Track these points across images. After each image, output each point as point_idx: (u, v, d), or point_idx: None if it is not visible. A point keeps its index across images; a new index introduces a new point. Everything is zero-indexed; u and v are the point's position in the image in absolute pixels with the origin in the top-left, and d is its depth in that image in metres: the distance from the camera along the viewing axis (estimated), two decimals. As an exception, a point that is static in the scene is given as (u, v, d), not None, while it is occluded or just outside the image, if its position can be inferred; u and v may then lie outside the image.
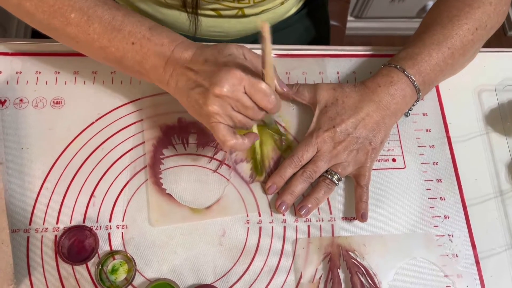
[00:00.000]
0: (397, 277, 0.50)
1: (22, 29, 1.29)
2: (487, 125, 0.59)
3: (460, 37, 0.55)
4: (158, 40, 0.47)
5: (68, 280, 0.47)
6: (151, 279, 0.48)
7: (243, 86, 0.43)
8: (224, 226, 0.51)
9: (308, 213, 0.52)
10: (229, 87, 0.43)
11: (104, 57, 0.49)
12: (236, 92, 0.43)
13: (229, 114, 0.44)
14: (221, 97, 0.43)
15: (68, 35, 0.49)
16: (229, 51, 0.46)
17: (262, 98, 0.44)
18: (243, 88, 0.43)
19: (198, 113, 0.46)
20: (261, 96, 0.44)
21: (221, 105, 0.44)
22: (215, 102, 0.43)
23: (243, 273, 0.49)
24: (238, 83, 0.43)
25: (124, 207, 0.51)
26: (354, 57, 0.62)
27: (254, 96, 0.44)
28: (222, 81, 0.42)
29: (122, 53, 0.48)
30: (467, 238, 0.53)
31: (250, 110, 0.45)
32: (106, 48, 0.48)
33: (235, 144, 0.45)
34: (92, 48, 0.49)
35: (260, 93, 0.44)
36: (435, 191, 0.55)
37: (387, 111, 0.53)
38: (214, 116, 0.44)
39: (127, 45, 0.47)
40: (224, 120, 0.44)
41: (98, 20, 0.47)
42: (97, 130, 0.54)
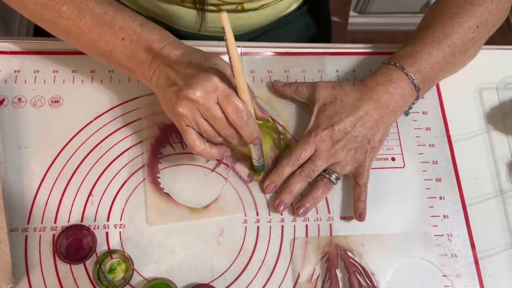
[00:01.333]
0: (395, 277, 0.50)
1: (25, 27, 1.29)
2: (487, 123, 0.59)
3: (461, 35, 0.54)
4: (149, 37, 0.47)
5: (66, 279, 0.48)
6: (149, 278, 0.48)
7: (216, 96, 0.42)
8: (222, 225, 0.51)
9: (306, 212, 0.52)
10: (202, 93, 0.42)
11: (94, 51, 0.50)
12: (208, 99, 0.42)
13: (197, 120, 0.44)
14: (192, 100, 0.42)
15: (59, 27, 0.49)
16: (216, 60, 0.45)
17: (233, 112, 0.42)
18: (216, 98, 0.42)
19: (170, 111, 0.45)
20: (232, 109, 0.42)
21: (191, 109, 0.43)
22: (185, 105, 0.43)
23: (240, 272, 0.49)
24: (212, 91, 0.42)
25: (122, 206, 0.51)
26: (354, 55, 0.61)
27: (225, 108, 0.42)
28: (197, 85, 0.42)
29: (112, 48, 0.48)
30: (466, 237, 0.53)
31: (218, 122, 0.43)
32: (96, 42, 0.48)
33: (203, 150, 0.45)
34: (82, 42, 0.49)
35: (232, 106, 0.42)
36: (435, 191, 0.55)
37: (386, 110, 0.53)
38: (182, 118, 0.44)
39: (117, 40, 0.47)
40: (190, 124, 0.44)
41: (90, 14, 0.47)
42: (95, 129, 0.54)
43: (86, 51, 0.51)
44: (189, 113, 0.43)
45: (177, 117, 0.44)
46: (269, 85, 0.58)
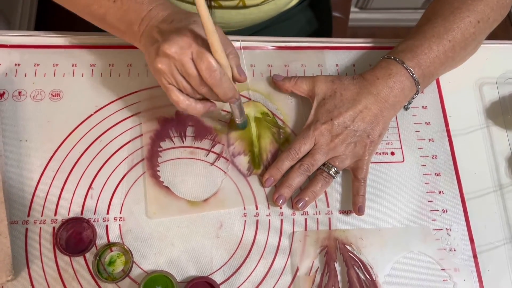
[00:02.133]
0: (394, 270, 0.50)
1: (26, 21, 1.29)
2: (487, 118, 0.59)
3: (462, 30, 0.54)
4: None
5: (66, 271, 0.48)
6: (148, 271, 0.49)
7: (190, 52, 0.43)
8: (221, 218, 0.51)
9: (305, 206, 0.52)
10: (177, 48, 0.43)
11: (89, 14, 0.51)
12: (183, 56, 0.43)
13: (175, 76, 0.44)
14: (168, 56, 0.43)
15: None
16: (196, 18, 0.46)
17: (205, 70, 0.43)
18: (190, 54, 0.43)
19: (152, 69, 0.46)
20: (204, 67, 0.43)
21: (168, 65, 0.44)
22: (163, 61, 0.44)
23: (239, 265, 0.50)
24: (187, 47, 0.43)
25: (121, 199, 0.51)
26: (354, 50, 0.61)
27: (198, 65, 0.43)
28: (172, 41, 0.43)
29: (105, 10, 0.49)
30: (465, 232, 0.53)
31: (193, 79, 0.44)
32: (91, 5, 0.50)
33: (187, 106, 0.46)
34: (78, 5, 0.51)
35: (204, 63, 0.43)
36: (434, 185, 0.55)
37: (386, 104, 0.53)
38: (162, 74, 0.44)
39: (109, 2, 0.49)
40: (169, 80, 0.45)
41: None
42: (95, 123, 0.54)
43: (83, 15, 0.52)
44: (167, 69, 0.44)
45: (158, 74, 0.45)
46: (269, 79, 0.58)
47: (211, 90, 0.45)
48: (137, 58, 0.58)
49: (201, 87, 0.45)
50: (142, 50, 0.49)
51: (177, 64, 0.44)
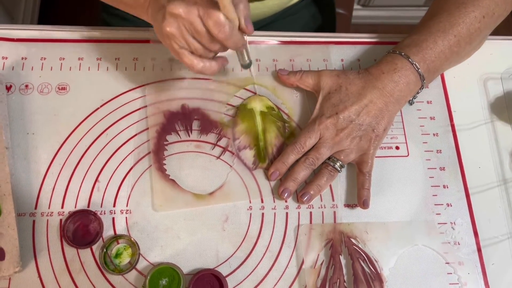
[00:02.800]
0: (398, 263, 0.51)
1: (29, 17, 1.29)
2: (492, 113, 0.59)
3: (467, 24, 0.54)
4: None
5: (73, 263, 0.48)
6: (155, 263, 0.49)
7: (197, 9, 0.42)
8: (227, 212, 0.52)
9: (310, 199, 0.52)
10: (183, 7, 0.42)
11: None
12: (190, 14, 0.42)
13: (185, 38, 0.44)
14: (175, 16, 0.43)
15: None
16: None
17: (214, 26, 0.43)
18: (197, 11, 0.43)
19: (161, 35, 0.46)
20: (212, 23, 0.42)
21: (177, 27, 0.43)
22: (171, 23, 0.43)
23: (245, 258, 0.50)
24: (193, 4, 0.42)
25: (128, 192, 0.51)
26: (359, 45, 0.62)
27: (207, 22, 0.43)
28: (177, 1, 0.42)
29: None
30: (469, 226, 0.53)
31: (203, 37, 0.44)
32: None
33: (203, 68, 0.46)
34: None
35: (212, 20, 0.42)
36: (438, 179, 0.55)
37: (391, 98, 0.53)
38: (172, 39, 0.44)
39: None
40: (180, 43, 0.44)
41: None
42: (102, 116, 0.54)
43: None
44: (176, 31, 0.43)
45: (167, 39, 0.45)
46: (274, 73, 0.59)
47: (222, 45, 0.45)
48: (143, 52, 0.58)
49: (213, 44, 0.45)
50: (149, 21, 0.49)
51: (185, 24, 0.43)
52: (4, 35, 0.57)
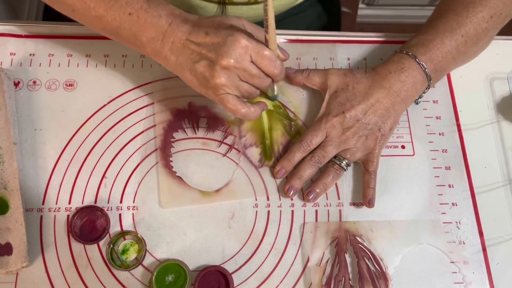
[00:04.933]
0: (403, 262, 0.51)
1: (34, 13, 1.29)
2: (498, 113, 0.59)
3: (474, 25, 0.54)
4: (156, 12, 0.46)
5: (80, 258, 0.48)
6: (161, 260, 0.49)
7: (249, 55, 0.44)
8: (233, 209, 0.52)
9: (316, 198, 0.52)
10: (236, 57, 0.43)
11: (101, 28, 0.49)
12: (243, 61, 0.43)
13: (237, 84, 0.45)
14: (228, 68, 0.43)
15: (64, 3, 0.49)
16: (230, 22, 0.46)
17: (269, 65, 0.44)
18: (249, 57, 0.44)
19: (204, 86, 0.46)
20: (267, 63, 0.44)
21: (229, 77, 0.44)
22: (223, 74, 0.44)
23: (251, 255, 0.50)
24: (244, 52, 0.43)
25: (135, 188, 0.52)
26: (365, 44, 0.62)
27: (261, 63, 0.44)
28: (229, 52, 0.43)
29: (119, 24, 0.47)
30: (474, 225, 0.53)
31: (257, 78, 0.45)
32: (103, 17, 0.47)
33: (247, 112, 0.46)
34: (89, 17, 0.49)
35: (266, 59, 0.44)
36: (444, 179, 0.55)
37: (397, 98, 0.53)
38: (222, 88, 0.44)
39: (124, 15, 0.47)
40: (231, 91, 0.45)
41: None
42: (109, 113, 0.55)
43: (94, 27, 0.50)
44: (228, 81, 0.44)
45: (214, 89, 0.45)
46: (281, 72, 0.59)
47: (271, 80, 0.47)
48: (150, 50, 0.58)
49: (265, 81, 0.46)
50: (170, 67, 0.47)
51: (238, 72, 0.44)
52: (12, 32, 0.57)
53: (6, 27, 0.57)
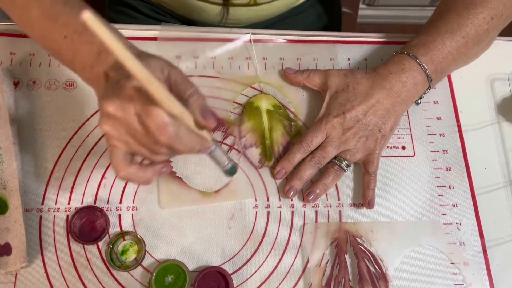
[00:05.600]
0: (403, 263, 0.51)
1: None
2: (498, 114, 0.59)
3: (475, 26, 0.54)
4: (89, 38, 0.41)
5: (79, 259, 0.48)
6: (160, 260, 0.49)
7: (133, 107, 0.35)
8: (233, 209, 0.52)
9: (316, 198, 0.52)
10: (117, 105, 0.35)
11: (46, 46, 0.46)
12: (125, 113, 0.35)
13: (125, 139, 0.37)
14: (109, 116, 0.36)
15: (14, 17, 0.46)
16: (149, 62, 0.37)
17: (154, 128, 0.35)
18: (133, 109, 0.35)
19: None
20: (152, 124, 0.35)
21: (114, 126, 0.36)
22: (107, 121, 0.36)
23: (250, 256, 0.50)
24: (128, 102, 0.35)
25: (134, 189, 0.52)
26: (366, 44, 0.62)
27: (145, 122, 0.35)
28: (111, 98, 0.35)
29: (58, 46, 0.43)
30: (475, 226, 0.53)
31: (144, 138, 0.36)
32: (45, 37, 0.44)
33: (127, 175, 0.38)
34: (35, 36, 0.46)
35: (152, 120, 0.34)
36: (444, 180, 0.55)
37: (398, 99, 0.53)
38: (109, 138, 0.37)
39: (60, 38, 0.42)
40: (119, 145, 0.37)
41: (37, 5, 0.43)
42: (109, 113, 0.54)
43: (41, 45, 0.46)
44: (113, 131, 0.37)
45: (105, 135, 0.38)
46: (281, 72, 0.59)
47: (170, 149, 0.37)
48: (151, 50, 0.58)
49: (158, 147, 0.37)
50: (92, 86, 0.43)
51: (123, 125, 0.36)
52: (12, 31, 0.57)
53: (6, 27, 0.57)
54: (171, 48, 0.58)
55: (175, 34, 0.59)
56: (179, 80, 0.38)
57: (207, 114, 0.38)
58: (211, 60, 0.59)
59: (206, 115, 0.37)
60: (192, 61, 0.58)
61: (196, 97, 0.38)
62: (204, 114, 0.37)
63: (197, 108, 0.37)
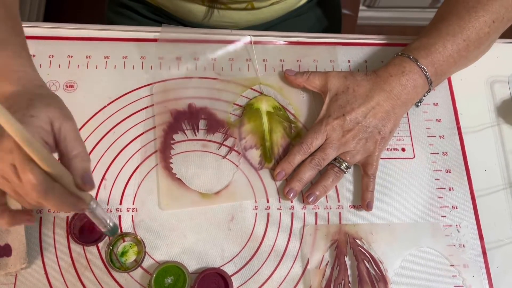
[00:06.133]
0: (403, 265, 0.51)
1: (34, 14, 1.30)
2: (498, 116, 0.59)
3: (476, 29, 0.54)
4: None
5: (79, 260, 0.48)
6: (160, 262, 0.49)
7: (12, 158, 0.35)
8: (233, 211, 0.52)
9: (316, 200, 0.52)
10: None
11: None
12: (4, 164, 0.36)
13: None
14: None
15: None
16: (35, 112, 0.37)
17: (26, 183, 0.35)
18: (11, 159, 0.36)
19: None
20: (26, 180, 0.35)
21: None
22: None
23: (250, 258, 0.50)
24: (8, 152, 0.35)
25: (134, 190, 0.52)
26: (366, 46, 0.62)
27: (22, 177, 0.35)
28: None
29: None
30: (474, 228, 0.53)
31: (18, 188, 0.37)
32: None
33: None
34: None
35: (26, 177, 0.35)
36: (444, 182, 0.55)
37: (398, 101, 0.53)
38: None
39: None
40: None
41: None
42: (109, 114, 0.55)
43: None
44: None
45: None
46: (281, 74, 0.59)
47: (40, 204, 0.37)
48: (151, 51, 0.58)
49: (28, 198, 0.37)
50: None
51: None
52: (12, 32, 0.57)
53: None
54: (171, 50, 0.58)
55: (176, 36, 0.59)
56: (69, 137, 0.38)
57: (87, 179, 0.38)
58: (211, 62, 0.59)
59: (86, 180, 0.38)
60: (192, 63, 0.58)
61: (81, 159, 0.38)
62: (85, 178, 0.38)
63: (79, 170, 0.38)
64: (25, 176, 0.35)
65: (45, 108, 0.38)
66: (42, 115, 0.37)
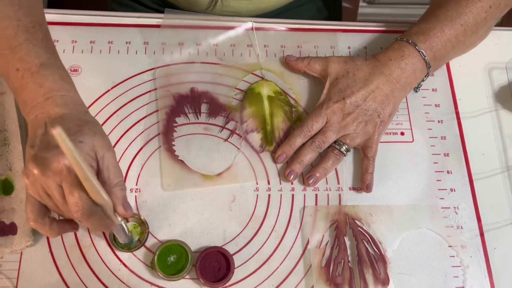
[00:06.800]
0: (402, 246, 0.51)
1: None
2: (496, 102, 0.60)
3: (474, 14, 0.55)
4: (40, 80, 0.43)
5: (84, 238, 0.49)
6: (163, 241, 0.50)
7: (60, 179, 0.38)
8: (234, 192, 0.53)
9: (316, 182, 0.53)
10: (43, 170, 0.38)
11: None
12: (48, 179, 0.38)
13: (40, 194, 0.40)
14: (33, 174, 0.39)
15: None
16: (83, 138, 0.40)
17: (72, 205, 0.38)
18: (59, 181, 0.38)
19: None
20: (72, 202, 0.38)
21: (33, 181, 0.39)
22: (29, 176, 0.39)
23: (251, 237, 0.51)
24: (57, 173, 0.38)
25: (137, 171, 0.52)
26: (366, 33, 0.63)
27: (67, 197, 0.39)
28: (41, 163, 0.38)
29: (6, 72, 0.45)
30: (472, 211, 0.54)
31: (60, 205, 0.40)
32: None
33: (35, 226, 0.42)
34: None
35: (73, 199, 0.38)
36: (442, 165, 0.56)
37: (397, 85, 0.54)
38: (28, 188, 0.40)
39: (12, 68, 0.44)
40: (34, 194, 0.40)
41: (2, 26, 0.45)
42: (112, 98, 0.55)
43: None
44: (31, 185, 0.40)
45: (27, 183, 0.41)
46: (282, 59, 0.60)
47: None
48: (154, 37, 0.59)
49: (69, 214, 0.40)
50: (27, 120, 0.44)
51: (42, 184, 0.39)
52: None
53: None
54: (174, 35, 0.59)
55: (178, 22, 0.60)
56: (110, 166, 0.41)
57: (127, 206, 0.43)
58: (213, 47, 0.60)
59: (127, 207, 0.43)
60: (195, 48, 0.59)
61: (121, 188, 0.42)
62: (125, 205, 0.42)
63: (120, 198, 0.42)
64: (72, 200, 0.38)
65: (92, 135, 0.41)
66: (90, 142, 0.40)
